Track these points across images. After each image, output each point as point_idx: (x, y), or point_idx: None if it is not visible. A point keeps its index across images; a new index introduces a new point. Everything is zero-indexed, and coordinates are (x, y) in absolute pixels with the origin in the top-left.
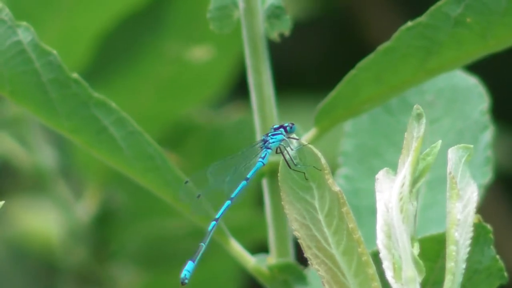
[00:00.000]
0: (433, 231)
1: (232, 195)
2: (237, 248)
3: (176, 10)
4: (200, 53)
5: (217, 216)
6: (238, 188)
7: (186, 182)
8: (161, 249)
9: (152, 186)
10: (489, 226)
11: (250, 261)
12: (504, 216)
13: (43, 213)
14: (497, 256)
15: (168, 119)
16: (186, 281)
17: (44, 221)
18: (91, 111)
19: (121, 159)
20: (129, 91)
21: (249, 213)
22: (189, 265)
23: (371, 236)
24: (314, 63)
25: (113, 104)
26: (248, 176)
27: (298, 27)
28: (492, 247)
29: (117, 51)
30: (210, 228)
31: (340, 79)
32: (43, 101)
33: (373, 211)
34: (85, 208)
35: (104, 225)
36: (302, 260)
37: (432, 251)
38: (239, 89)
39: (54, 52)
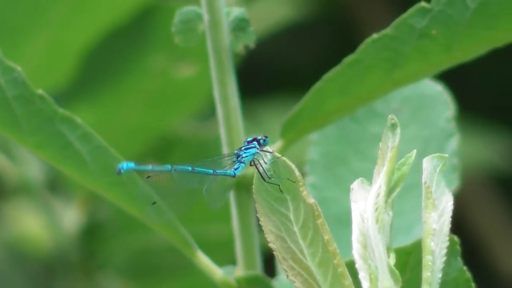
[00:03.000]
0: (400, 240)
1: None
2: (204, 260)
3: (161, 25)
4: (185, 68)
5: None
6: (202, 170)
7: (154, 203)
8: (148, 261)
9: (118, 200)
10: (456, 238)
11: (218, 273)
12: (500, 217)
13: (33, 219)
14: (464, 267)
15: (153, 132)
16: (122, 171)
17: (37, 226)
18: (56, 127)
19: (86, 174)
20: (115, 104)
21: (224, 230)
22: (130, 164)
23: (339, 245)
24: (311, 65)
25: (79, 120)
26: (217, 171)
27: (296, 29)
28: (459, 258)
29: (103, 65)
30: None
31: None
32: (8, 117)
33: (340, 220)
34: (72, 220)
35: (91, 237)
36: (269, 272)
37: (399, 263)
38: None
39: (19, 68)
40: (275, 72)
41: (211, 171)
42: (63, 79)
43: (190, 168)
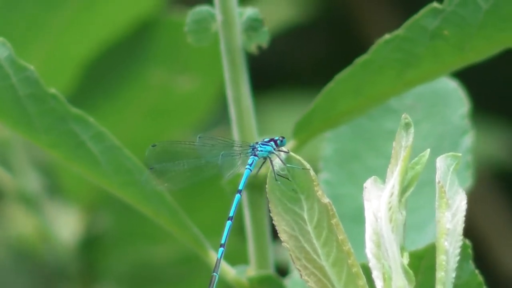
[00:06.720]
0: (412, 237)
1: (230, 214)
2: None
3: (161, 38)
4: (184, 81)
5: (222, 242)
6: (234, 204)
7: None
8: (148, 274)
9: (131, 200)
10: (467, 241)
11: (230, 272)
12: (503, 214)
13: (32, 230)
14: (476, 271)
15: None
16: None
17: (35, 237)
18: (69, 126)
19: (99, 173)
20: (115, 117)
21: (233, 240)
22: None
23: (352, 242)
24: (311, 64)
25: (91, 119)
26: (240, 188)
27: (296, 29)
28: (471, 261)
29: (103, 77)
30: (219, 255)
31: None
32: (21, 116)
33: (354, 217)
34: (71, 231)
35: (90, 248)
36: (281, 271)
37: (411, 266)
38: (224, 114)
39: (31, 67)
40: (275, 72)
41: (238, 195)
42: (63, 90)
43: (230, 223)
